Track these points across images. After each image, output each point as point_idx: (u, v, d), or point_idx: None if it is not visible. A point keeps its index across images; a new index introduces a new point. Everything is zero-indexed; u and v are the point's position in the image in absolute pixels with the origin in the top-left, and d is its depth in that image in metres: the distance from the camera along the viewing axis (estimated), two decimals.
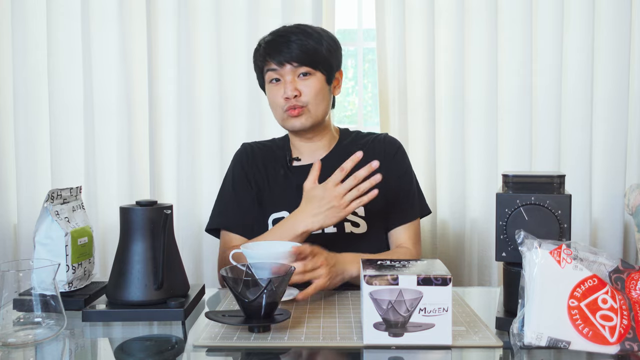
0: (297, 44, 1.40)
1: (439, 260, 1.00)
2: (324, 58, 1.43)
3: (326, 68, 1.44)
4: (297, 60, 1.40)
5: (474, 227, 2.07)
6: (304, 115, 1.42)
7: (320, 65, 1.43)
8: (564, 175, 1.01)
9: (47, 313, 0.96)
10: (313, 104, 1.43)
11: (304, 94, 1.41)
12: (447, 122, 2.05)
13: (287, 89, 1.40)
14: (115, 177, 2.04)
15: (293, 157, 1.53)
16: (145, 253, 1.07)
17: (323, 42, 1.44)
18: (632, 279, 0.90)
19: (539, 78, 2.04)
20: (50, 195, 1.13)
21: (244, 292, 0.94)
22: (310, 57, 1.41)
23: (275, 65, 1.41)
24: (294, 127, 1.44)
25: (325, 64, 1.44)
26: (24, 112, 2.02)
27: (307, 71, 1.41)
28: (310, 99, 1.42)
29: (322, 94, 1.44)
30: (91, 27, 2.00)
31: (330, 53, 1.45)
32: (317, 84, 1.42)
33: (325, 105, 1.47)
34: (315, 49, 1.41)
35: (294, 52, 1.40)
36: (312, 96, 1.42)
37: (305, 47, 1.40)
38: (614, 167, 2.05)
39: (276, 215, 1.45)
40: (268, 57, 1.43)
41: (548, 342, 0.86)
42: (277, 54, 1.41)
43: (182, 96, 2.01)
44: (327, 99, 1.47)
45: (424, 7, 2.02)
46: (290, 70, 1.41)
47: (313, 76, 1.42)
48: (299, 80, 1.42)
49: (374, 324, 0.89)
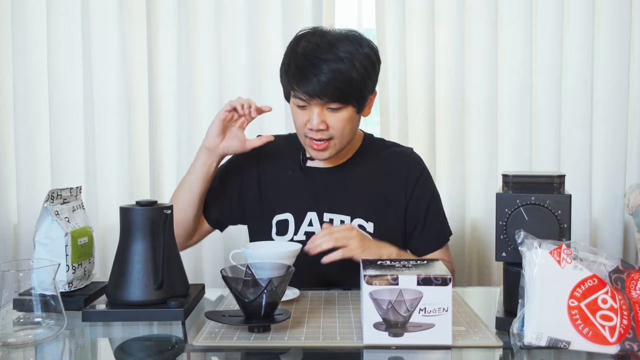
0: (328, 77, 1.25)
1: (439, 261, 1.00)
2: (356, 90, 1.30)
3: (357, 99, 1.32)
4: (327, 96, 1.27)
5: (474, 227, 2.07)
6: (329, 149, 1.35)
7: (352, 97, 1.30)
8: (564, 175, 1.01)
9: (47, 313, 0.96)
10: (339, 136, 1.33)
11: (331, 127, 1.31)
12: (447, 122, 2.05)
13: (314, 120, 1.29)
14: (115, 177, 2.04)
15: (307, 157, 1.45)
16: (145, 253, 1.07)
17: (357, 68, 1.28)
18: (632, 279, 0.90)
19: (539, 78, 2.04)
20: (50, 195, 1.13)
21: (244, 292, 0.94)
22: (340, 92, 1.28)
23: (303, 95, 1.29)
24: (317, 158, 1.38)
25: (357, 95, 1.31)
26: (24, 112, 2.02)
27: (337, 106, 1.30)
28: (337, 132, 1.32)
29: (350, 125, 1.34)
30: (91, 27, 2.00)
31: (364, 81, 1.31)
32: (347, 116, 1.32)
33: (353, 134, 1.38)
34: (348, 81, 1.27)
35: (324, 86, 1.26)
36: (339, 130, 1.32)
37: (337, 80, 1.26)
38: (614, 167, 2.05)
39: (280, 217, 1.42)
40: (295, 86, 1.30)
41: (548, 342, 0.86)
42: (305, 85, 1.27)
43: (182, 96, 2.01)
44: (355, 128, 1.37)
45: (424, 7, 2.01)
46: (319, 102, 1.29)
47: (344, 109, 1.31)
48: (327, 112, 1.31)
49: (374, 324, 0.89)
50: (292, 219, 1.41)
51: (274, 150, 1.48)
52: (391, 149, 1.50)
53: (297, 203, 1.42)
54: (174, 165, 2.04)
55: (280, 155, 1.48)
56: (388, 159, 1.47)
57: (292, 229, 1.41)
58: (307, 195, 1.43)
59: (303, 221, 1.41)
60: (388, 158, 1.47)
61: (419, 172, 1.46)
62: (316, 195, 1.42)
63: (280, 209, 1.43)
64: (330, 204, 1.41)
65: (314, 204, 1.41)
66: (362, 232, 1.25)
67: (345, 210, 1.40)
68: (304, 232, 1.40)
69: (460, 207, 2.05)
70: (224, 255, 2.03)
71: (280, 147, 1.49)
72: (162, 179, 2.06)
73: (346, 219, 1.40)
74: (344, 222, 1.40)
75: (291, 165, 1.46)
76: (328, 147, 1.34)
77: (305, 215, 1.41)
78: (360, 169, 1.45)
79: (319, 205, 1.41)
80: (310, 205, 1.42)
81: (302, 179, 1.44)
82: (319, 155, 1.36)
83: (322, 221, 1.40)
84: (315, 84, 1.26)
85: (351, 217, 1.40)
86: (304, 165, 1.45)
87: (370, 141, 1.51)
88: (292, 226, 1.41)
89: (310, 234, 1.38)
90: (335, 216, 1.41)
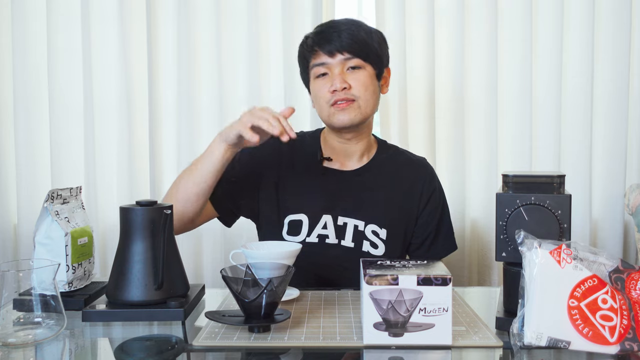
0: (348, 34, 1.33)
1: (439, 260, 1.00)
2: (375, 51, 1.36)
3: (377, 62, 1.38)
4: (349, 50, 1.33)
5: (474, 227, 2.07)
6: (353, 109, 1.35)
7: (371, 58, 1.36)
8: (564, 175, 1.01)
9: (47, 313, 0.96)
10: (363, 99, 1.35)
11: (353, 87, 1.34)
12: (447, 122, 2.05)
13: (336, 80, 1.33)
14: (115, 177, 2.04)
15: (324, 157, 1.45)
16: (145, 253, 1.07)
17: (374, 36, 1.37)
18: (632, 279, 0.90)
19: (539, 78, 2.04)
20: (50, 195, 1.13)
21: (244, 292, 0.94)
22: (361, 48, 1.34)
23: (324, 55, 1.34)
24: (343, 123, 1.36)
25: (376, 57, 1.37)
26: (24, 112, 2.02)
27: (357, 64, 1.35)
28: (360, 92, 1.35)
29: (372, 89, 1.37)
30: (91, 27, 2.00)
31: (381, 47, 1.39)
32: (368, 77, 1.36)
33: (375, 101, 1.40)
34: (366, 41, 1.35)
35: (345, 41, 1.33)
36: (362, 90, 1.35)
37: (357, 37, 1.34)
38: (614, 167, 2.05)
39: (293, 217, 1.40)
40: (317, 47, 1.35)
41: (548, 342, 0.86)
42: (326, 43, 1.34)
43: (182, 96, 2.01)
44: (376, 95, 1.40)
45: (424, 7, 2.02)
46: (339, 62, 1.34)
47: (363, 69, 1.35)
48: (348, 73, 1.35)
49: (374, 324, 0.89)
50: (307, 220, 1.40)
51: (298, 148, 1.46)
52: (406, 157, 1.51)
53: (313, 205, 1.41)
54: (174, 165, 2.04)
55: (302, 153, 1.46)
56: (404, 168, 1.48)
57: (305, 230, 1.40)
58: (323, 197, 1.42)
59: (317, 223, 1.40)
60: (404, 167, 1.48)
61: (433, 187, 1.48)
62: (333, 199, 1.41)
63: (295, 209, 1.41)
64: (346, 208, 1.41)
65: (330, 207, 1.41)
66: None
67: (360, 216, 1.40)
68: (317, 235, 1.40)
69: (460, 207, 2.05)
70: (224, 255, 2.03)
71: (304, 144, 1.47)
72: (162, 179, 2.06)
73: (360, 224, 1.40)
74: (357, 227, 1.40)
75: (306, 165, 1.45)
76: (352, 107, 1.35)
77: (321, 217, 1.40)
78: (377, 175, 1.45)
79: (334, 208, 1.41)
80: (326, 208, 1.41)
81: (319, 181, 1.43)
82: (344, 117, 1.35)
83: (336, 225, 1.40)
84: (336, 39, 1.33)
85: (365, 222, 1.40)
86: (320, 166, 1.44)
87: (385, 147, 1.52)
88: (305, 227, 1.40)
89: (324, 237, 1.39)
90: (349, 220, 1.40)
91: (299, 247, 1.16)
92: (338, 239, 1.39)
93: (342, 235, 1.40)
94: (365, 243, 1.39)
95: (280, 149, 1.42)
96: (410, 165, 1.49)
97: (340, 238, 1.40)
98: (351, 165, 1.46)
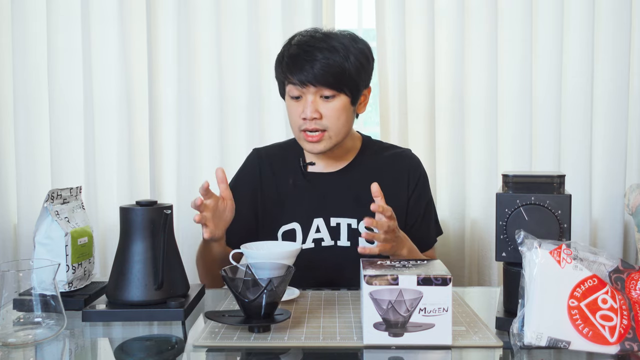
0: (322, 63, 1.28)
1: (439, 260, 1.00)
2: (350, 78, 1.31)
3: (351, 89, 1.33)
4: (320, 82, 1.29)
5: (474, 227, 2.07)
6: (323, 141, 1.34)
7: (345, 86, 1.31)
8: (564, 175, 1.01)
9: (47, 313, 0.96)
10: (334, 129, 1.33)
11: (325, 117, 1.32)
12: (447, 122, 2.05)
13: (307, 109, 1.30)
14: (115, 177, 2.04)
15: (307, 162, 1.45)
16: (145, 253, 1.07)
17: (351, 59, 1.30)
18: (632, 279, 0.90)
19: (539, 78, 2.04)
20: (50, 195, 1.13)
21: (244, 292, 0.94)
22: (334, 79, 1.29)
23: (296, 83, 1.31)
24: (312, 151, 1.36)
25: (351, 84, 1.32)
26: (24, 112, 2.02)
27: (330, 94, 1.31)
28: (332, 123, 1.32)
29: (344, 117, 1.34)
30: (91, 27, 2.00)
31: (359, 72, 1.33)
32: (341, 107, 1.32)
33: (348, 127, 1.37)
34: (341, 70, 1.29)
35: (317, 72, 1.28)
36: (333, 120, 1.32)
37: (330, 67, 1.28)
38: (614, 167, 2.04)
39: (286, 228, 1.41)
40: (289, 74, 1.32)
41: (548, 342, 0.86)
42: (298, 72, 1.30)
43: (182, 96, 2.01)
44: (350, 121, 1.37)
45: (424, 7, 2.01)
46: (312, 90, 1.31)
47: (337, 98, 1.32)
48: (320, 101, 1.31)
49: (374, 324, 0.89)
50: (299, 227, 1.41)
51: (274, 161, 1.47)
52: (391, 151, 1.51)
53: (303, 211, 1.41)
54: (174, 165, 2.04)
55: (280, 164, 1.47)
56: (389, 160, 1.48)
57: (299, 237, 1.40)
58: (311, 202, 1.42)
59: (310, 229, 1.41)
60: (389, 159, 1.48)
61: (419, 174, 1.48)
62: (321, 202, 1.42)
63: (287, 219, 1.42)
64: (336, 208, 1.41)
65: (320, 210, 1.41)
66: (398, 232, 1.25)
67: (351, 214, 1.40)
68: (312, 240, 1.40)
69: (460, 207, 2.05)
70: None
71: (279, 156, 1.49)
72: (162, 179, 2.06)
73: (353, 222, 1.40)
74: (350, 225, 1.40)
75: (292, 173, 1.45)
76: (322, 139, 1.34)
77: (312, 222, 1.41)
78: (362, 171, 1.45)
79: (324, 211, 1.41)
80: (316, 212, 1.41)
81: (305, 187, 1.44)
82: (314, 147, 1.35)
83: (329, 226, 1.40)
84: (309, 70, 1.28)
85: (357, 220, 1.40)
86: (305, 171, 1.44)
87: (369, 143, 1.51)
88: (299, 235, 1.40)
89: (319, 241, 1.39)
90: (341, 220, 1.41)
91: (299, 247, 1.17)
92: (334, 240, 1.40)
93: (337, 236, 1.40)
94: (361, 240, 1.39)
95: (260, 170, 1.46)
96: (395, 157, 1.49)
97: (335, 239, 1.40)
98: (336, 166, 1.45)
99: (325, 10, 2.03)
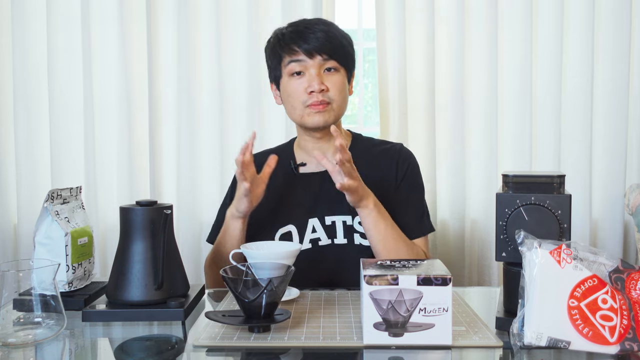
0: (325, 34, 1.34)
1: (439, 260, 1.00)
2: (348, 54, 1.39)
3: (348, 65, 1.40)
4: (327, 52, 1.34)
5: (474, 227, 2.07)
6: (327, 112, 1.37)
7: (345, 60, 1.38)
8: (564, 175, 1.01)
9: (47, 313, 0.96)
10: (337, 102, 1.38)
11: (330, 90, 1.36)
12: (447, 122, 2.05)
13: (314, 82, 1.34)
14: (115, 177, 2.04)
15: (298, 164, 1.47)
16: (145, 253, 1.07)
17: (347, 39, 1.40)
18: (632, 279, 0.90)
19: (539, 78, 2.04)
20: (50, 195, 1.13)
21: (244, 292, 0.94)
22: (337, 51, 1.36)
23: (302, 54, 1.34)
24: (317, 124, 1.37)
25: (349, 59, 1.40)
26: (24, 112, 2.02)
27: (333, 66, 1.37)
28: (336, 96, 1.37)
29: (345, 92, 1.40)
30: (91, 27, 2.00)
31: (352, 50, 1.42)
32: (342, 81, 1.38)
33: (346, 104, 1.42)
34: (340, 43, 1.37)
35: (323, 41, 1.34)
36: (337, 93, 1.37)
37: (333, 38, 1.35)
38: (614, 167, 2.05)
39: (283, 230, 1.41)
40: (295, 45, 1.35)
41: (548, 342, 0.86)
42: (304, 43, 1.34)
43: (182, 96, 2.01)
44: (347, 99, 1.43)
45: (424, 7, 2.02)
46: (317, 63, 1.35)
47: (338, 72, 1.38)
48: (324, 74, 1.36)
49: (374, 324, 0.89)
50: (295, 229, 1.41)
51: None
52: (381, 147, 1.51)
53: (298, 213, 1.42)
54: (174, 165, 2.04)
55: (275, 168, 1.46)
56: (379, 155, 1.48)
57: (296, 239, 1.40)
58: (305, 203, 1.42)
59: (306, 229, 1.41)
60: (379, 154, 1.48)
61: (408, 163, 1.48)
62: (314, 201, 1.42)
63: (282, 222, 1.42)
64: (330, 207, 1.41)
65: (314, 210, 1.41)
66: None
67: (345, 211, 1.40)
68: (309, 240, 1.40)
69: (460, 207, 2.05)
70: None
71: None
72: (162, 179, 2.06)
73: (348, 219, 1.40)
74: (346, 222, 1.40)
75: (284, 176, 1.46)
76: (327, 110, 1.37)
77: (307, 223, 1.41)
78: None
79: (319, 210, 1.41)
80: (310, 212, 1.41)
81: (298, 188, 1.44)
82: (320, 117, 1.37)
83: (325, 225, 1.40)
84: (314, 40, 1.34)
85: (352, 216, 1.40)
86: (297, 173, 1.45)
87: (359, 140, 1.52)
88: (296, 237, 1.40)
89: (316, 240, 1.39)
90: (336, 218, 1.41)
91: (299, 247, 1.17)
92: (330, 238, 1.40)
93: (333, 234, 1.40)
94: (356, 236, 1.39)
95: None
96: (385, 151, 1.49)
97: (332, 237, 1.40)
98: None
99: (325, 10, 2.04)
